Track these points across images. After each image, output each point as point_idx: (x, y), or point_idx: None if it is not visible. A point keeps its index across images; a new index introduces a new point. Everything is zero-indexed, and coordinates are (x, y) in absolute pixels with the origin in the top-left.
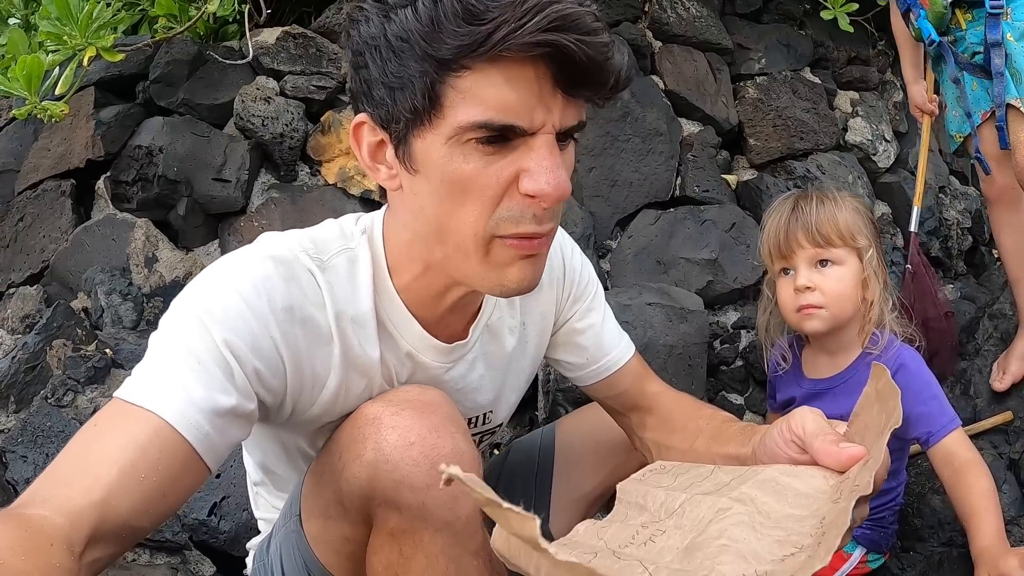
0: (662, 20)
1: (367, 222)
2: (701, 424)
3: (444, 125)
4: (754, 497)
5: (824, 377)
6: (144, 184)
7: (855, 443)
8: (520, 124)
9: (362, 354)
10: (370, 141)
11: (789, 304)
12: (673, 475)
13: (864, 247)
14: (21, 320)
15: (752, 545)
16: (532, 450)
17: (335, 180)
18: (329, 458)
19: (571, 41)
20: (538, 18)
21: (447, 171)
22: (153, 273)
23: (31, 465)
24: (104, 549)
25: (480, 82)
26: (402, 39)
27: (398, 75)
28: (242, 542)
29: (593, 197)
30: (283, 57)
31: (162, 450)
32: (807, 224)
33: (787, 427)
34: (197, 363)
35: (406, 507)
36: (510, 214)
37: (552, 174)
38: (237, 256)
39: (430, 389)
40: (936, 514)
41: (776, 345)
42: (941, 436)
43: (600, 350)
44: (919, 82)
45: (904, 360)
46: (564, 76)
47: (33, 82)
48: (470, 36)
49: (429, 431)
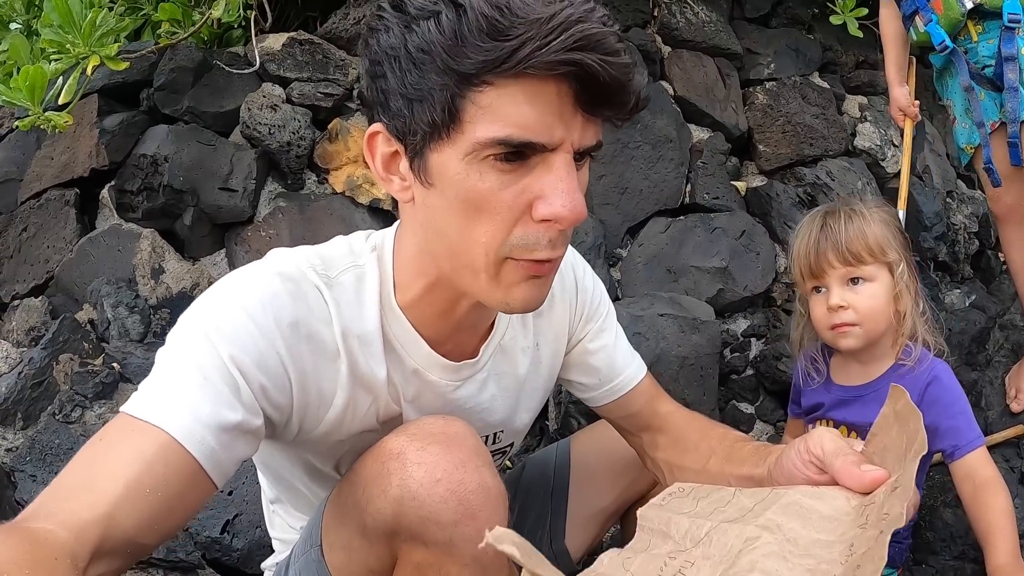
0: (671, 25)
1: (378, 239)
2: (713, 444)
3: (462, 140)
4: (780, 524)
5: (855, 384)
6: (149, 193)
7: (875, 463)
8: (539, 141)
9: (368, 372)
10: (384, 152)
11: (823, 322)
12: (694, 499)
13: (895, 261)
14: (26, 333)
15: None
16: (547, 466)
17: (343, 188)
18: (352, 490)
19: (595, 61)
20: (563, 37)
21: (463, 188)
22: (160, 284)
23: (40, 484)
24: (108, 564)
25: (501, 98)
26: (423, 51)
27: (417, 87)
28: (255, 560)
29: (603, 205)
30: (289, 64)
31: (168, 465)
32: (837, 243)
33: (805, 448)
34: (204, 379)
35: (433, 543)
36: (524, 242)
37: (568, 196)
38: (244, 272)
39: (454, 421)
40: (949, 528)
41: (805, 352)
42: (966, 451)
43: (612, 371)
44: (902, 85)
45: (937, 373)
46: (586, 96)
47: (36, 93)
48: (494, 52)
49: (456, 467)
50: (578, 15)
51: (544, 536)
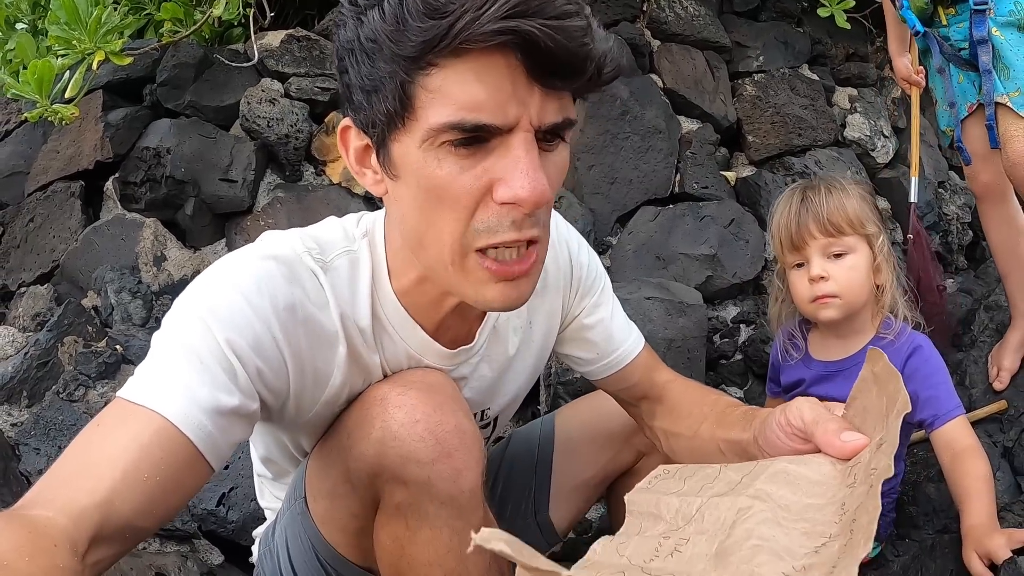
0: (660, 19)
1: (368, 223)
2: (706, 410)
3: (417, 128)
4: (770, 492)
5: (835, 359)
6: (152, 185)
7: (855, 427)
8: (493, 122)
9: (365, 356)
10: (356, 146)
11: (804, 295)
12: (680, 479)
13: (874, 234)
14: (32, 318)
15: (782, 541)
16: (532, 439)
17: (339, 179)
18: (336, 438)
19: (534, 27)
20: (498, 5)
21: (422, 176)
22: (162, 271)
23: (44, 457)
24: (107, 549)
25: (449, 79)
26: (372, 40)
27: (371, 78)
28: (250, 531)
29: (593, 194)
30: (287, 59)
31: (165, 449)
32: (818, 215)
33: (785, 420)
34: (200, 363)
35: (412, 481)
36: (486, 226)
37: (527, 177)
38: (239, 255)
39: (433, 371)
40: (931, 502)
41: (782, 329)
42: (945, 421)
43: (610, 344)
44: (904, 55)
45: (918, 343)
46: (536, 66)
47: (44, 86)
48: (432, 30)
49: (434, 409)
50: None
51: (528, 508)
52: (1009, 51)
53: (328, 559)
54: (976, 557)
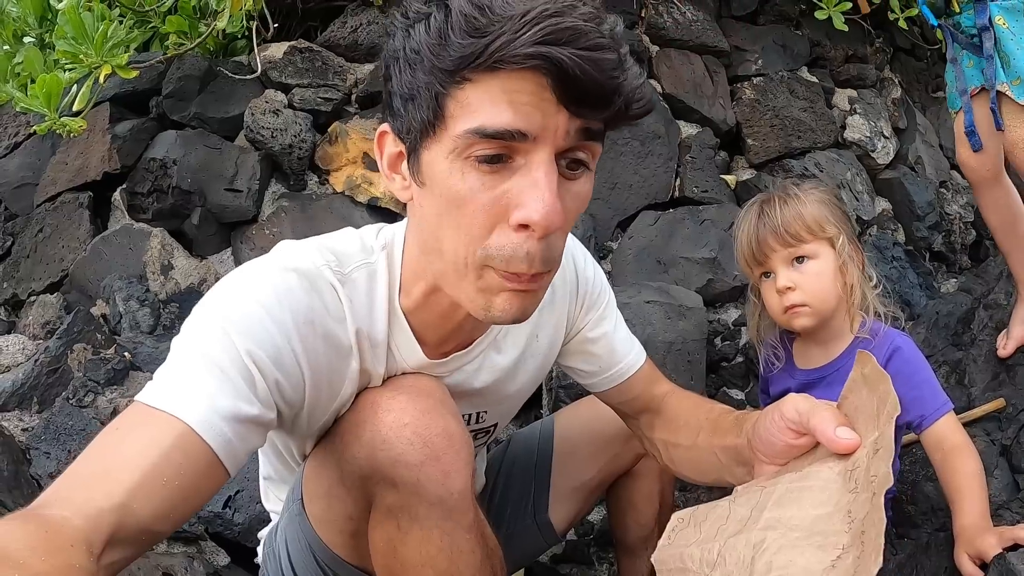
0: (658, 25)
1: (388, 236)
2: (701, 419)
3: (447, 137)
4: (779, 518)
5: (817, 367)
6: (159, 195)
7: (849, 420)
8: (515, 127)
9: (372, 369)
10: (391, 152)
11: (776, 307)
12: (695, 526)
13: (835, 235)
14: (42, 327)
15: (800, 563)
16: (532, 441)
17: (343, 188)
18: (330, 442)
19: (565, 55)
20: (535, 30)
21: (446, 186)
22: (169, 280)
23: (54, 460)
24: (122, 551)
25: (480, 94)
26: (415, 52)
27: (410, 86)
28: (255, 533)
29: (593, 200)
30: (290, 71)
31: (186, 455)
32: (775, 227)
33: (779, 415)
34: (221, 372)
35: (402, 483)
36: (500, 253)
37: (542, 201)
38: (259, 266)
39: (424, 377)
40: (929, 501)
41: (765, 342)
42: (933, 420)
43: (612, 358)
44: None
45: (898, 344)
46: (564, 91)
47: (52, 99)
48: (471, 48)
49: (422, 412)
50: (555, 10)
51: (528, 509)
52: (1010, 40)
53: (325, 560)
54: (967, 558)
